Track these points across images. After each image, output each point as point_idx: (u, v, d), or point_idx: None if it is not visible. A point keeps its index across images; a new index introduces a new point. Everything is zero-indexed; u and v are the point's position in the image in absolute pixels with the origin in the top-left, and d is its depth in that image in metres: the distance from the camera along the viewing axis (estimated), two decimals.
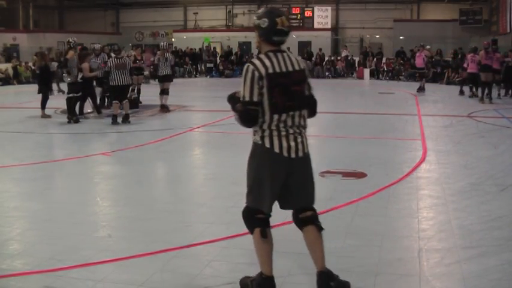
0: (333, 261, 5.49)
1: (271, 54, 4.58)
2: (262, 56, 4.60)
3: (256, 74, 4.46)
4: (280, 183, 4.63)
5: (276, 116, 4.52)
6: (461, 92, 23.31)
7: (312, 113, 4.86)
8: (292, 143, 4.58)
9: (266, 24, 4.55)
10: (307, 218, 4.81)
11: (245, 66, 4.59)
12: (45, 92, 16.69)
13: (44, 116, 16.52)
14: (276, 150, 4.55)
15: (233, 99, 4.66)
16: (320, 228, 4.82)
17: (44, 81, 16.90)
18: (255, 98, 4.48)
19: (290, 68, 4.57)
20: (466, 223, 6.76)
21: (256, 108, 4.50)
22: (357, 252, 5.82)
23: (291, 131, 4.58)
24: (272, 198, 4.67)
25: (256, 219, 4.70)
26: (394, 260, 5.60)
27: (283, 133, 4.56)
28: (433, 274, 5.27)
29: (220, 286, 5.03)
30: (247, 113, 4.53)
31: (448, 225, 6.68)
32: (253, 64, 4.53)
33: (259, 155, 4.62)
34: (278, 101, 4.50)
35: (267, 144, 4.56)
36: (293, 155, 4.58)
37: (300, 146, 4.62)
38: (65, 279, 5.16)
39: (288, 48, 35.78)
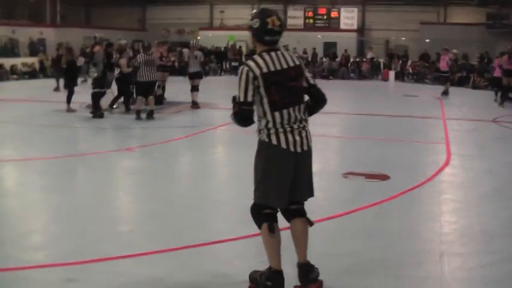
0: (353, 263, 5.51)
1: (264, 54, 4.72)
2: (256, 56, 4.74)
3: (251, 74, 4.62)
4: (289, 178, 4.74)
5: (277, 114, 4.66)
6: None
7: (320, 101, 5.03)
8: (298, 138, 4.71)
9: (258, 25, 4.70)
10: (297, 211, 4.91)
11: (240, 68, 4.75)
12: (71, 87, 16.83)
13: (70, 110, 16.65)
14: (283, 146, 4.67)
15: (235, 100, 4.78)
16: (310, 223, 4.94)
17: (71, 75, 17.05)
18: (249, 99, 4.65)
19: (285, 66, 4.70)
20: (489, 228, 6.72)
21: (250, 108, 4.69)
22: (378, 254, 5.80)
23: (295, 126, 4.72)
24: (283, 193, 4.75)
25: (263, 214, 4.82)
26: (416, 263, 5.59)
27: (288, 129, 4.69)
28: (454, 278, 5.26)
29: (240, 284, 5.03)
30: (241, 113, 4.71)
31: (471, 230, 6.65)
32: (248, 65, 4.68)
33: (267, 152, 4.73)
34: (276, 98, 4.65)
35: (274, 141, 4.68)
36: (299, 150, 4.71)
37: (304, 140, 4.75)
38: (87, 273, 5.20)
39: (314, 49, 35.97)
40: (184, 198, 8.08)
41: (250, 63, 4.69)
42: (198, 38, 42.24)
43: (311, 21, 43.04)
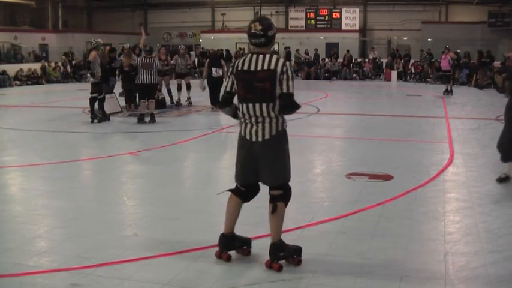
0: (358, 263, 5.50)
1: (249, 55, 5.45)
2: (244, 56, 5.52)
3: (231, 69, 5.52)
4: (248, 162, 5.54)
5: (240, 105, 5.46)
6: None
7: (284, 109, 5.42)
8: (253, 129, 5.41)
9: (247, 31, 5.41)
10: (271, 196, 5.53)
11: None
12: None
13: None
14: (243, 133, 5.52)
15: None
16: (273, 210, 5.47)
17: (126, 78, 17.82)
18: (228, 88, 5.59)
19: (258, 68, 5.31)
20: (493, 227, 6.71)
21: (228, 96, 5.60)
22: (382, 254, 5.80)
23: (253, 119, 5.40)
24: (242, 172, 5.67)
25: (235, 187, 5.79)
26: (420, 263, 5.58)
27: (247, 120, 5.44)
28: (458, 278, 5.24)
29: (246, 286, 5.04)
30: (222, 98, 5.73)
31: (475, 229, 6.64)
32: (234, 63, 5.53)
33: (238, 140, 5.63)
34: (241, 92, 5.44)
35: (240, 129, 5.56)
36: (254, 139, 5.42)
37: (259, 133, 5.39)
38: (91, 277, 5.21)
39: (316, 50, 36.01)
40: (189, 201, 8.09)
41: (237, 60, 5.54)
42: (200, 40, 42.39)
43: (313, 22, 43.05)
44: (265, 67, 5.28)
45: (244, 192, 5.67)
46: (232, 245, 5.71)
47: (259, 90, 5.29)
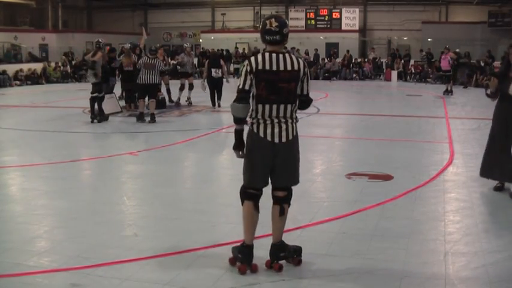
0: (358, 263, 5.51)
1: (266, 53, 5.24)
2: (259, 54, 5.28)
3: (248, 68, 5.20)
4: (266, 164, 5.32)
5: (260, 106, 5.24)
6: None
7: (302, 107, 5.51)
8: (276, 130, 5.25)
9: (261, 27, 5.29)
10: (275, 197, 5.47)
11: (245, 62, 5.39)
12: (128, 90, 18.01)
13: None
14: (261, 135, 5.27)
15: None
16: (281, 212, 5.45)
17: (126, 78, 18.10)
18: (246, 87, 5.22)
19: (281, 68, 5.17)
20: (493, 227, 6.72)
21: (246, 95, 5.24)
22: (382, 254, 5.79)
23: (275, 120, 5.26)
24: (259, 175, 5.39)
25: (246, 193, 5.47)
26: (420, 263, 5.58)
27: (268, 121, 5.26)
28: (458, 278, 5.24)
29: (246, 286, 5.04)
30: (237, 98, 5.26)
31: (475, 229, 6.64)
32: (249, 60, 5.28)
33: (250, 139, 5.38)
34: (263, 93, 5.19)
35: (255, 130, 5.31)
36: (276, 140, 5.25)
37: (283, 133, 5.27)
38: (91, 277, 5.21)
39: (316, 50, 35.97)
40: (188, 201, 8.08)
41: (252, 58, 5.26)
42: (200, 40, 42.43)
43: (313, 22, 43.01)
44: (289, 67, 5.18)
45: (259, 195, 5.46)
46: None
47: (284, 91, 5.19)
